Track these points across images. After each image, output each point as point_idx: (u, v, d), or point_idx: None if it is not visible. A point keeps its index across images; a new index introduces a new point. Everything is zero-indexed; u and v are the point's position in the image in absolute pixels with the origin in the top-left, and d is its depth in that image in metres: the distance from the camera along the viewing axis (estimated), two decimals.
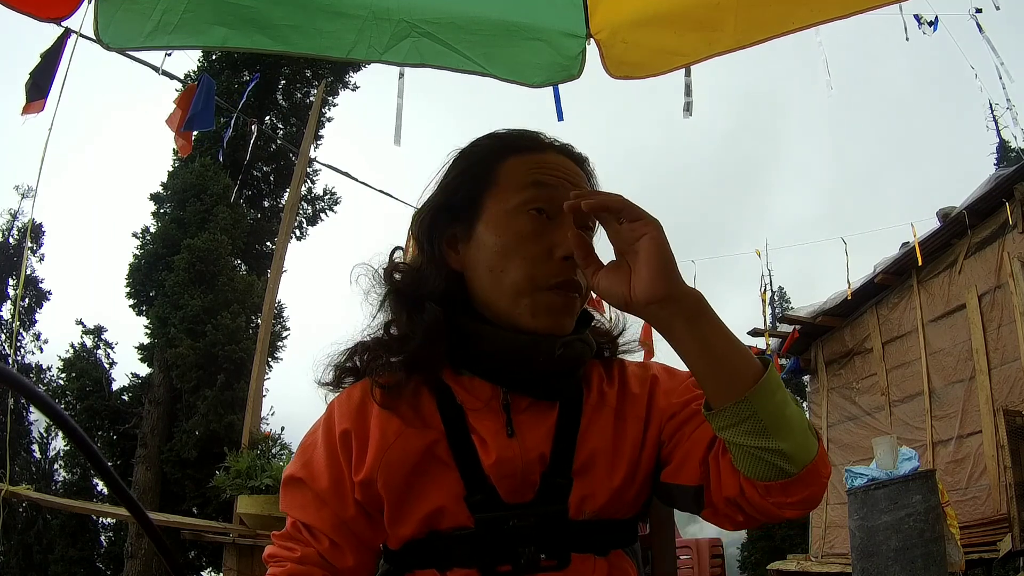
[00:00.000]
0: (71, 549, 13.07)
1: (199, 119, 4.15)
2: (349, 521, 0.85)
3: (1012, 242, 6.06)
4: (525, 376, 0.85)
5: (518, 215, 0.86)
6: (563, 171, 0.90)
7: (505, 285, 0.85)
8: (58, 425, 0.46)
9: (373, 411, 0.85)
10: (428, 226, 0.91)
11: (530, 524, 0.80)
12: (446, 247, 0.90)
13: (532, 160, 0.90)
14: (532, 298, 0.84)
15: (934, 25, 4.17)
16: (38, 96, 2.70)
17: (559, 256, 0.84)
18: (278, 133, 13.04)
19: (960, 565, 4.47)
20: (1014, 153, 10.98)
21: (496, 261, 0.85)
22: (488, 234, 0.87)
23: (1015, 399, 5.71)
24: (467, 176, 0.91)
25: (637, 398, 0.89)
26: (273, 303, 4.76)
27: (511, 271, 0.84)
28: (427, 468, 0.82)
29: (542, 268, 0.84)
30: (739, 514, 0.79)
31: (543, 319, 0.84)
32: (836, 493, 7.28)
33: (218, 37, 1.68)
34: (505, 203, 0.87)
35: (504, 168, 0.90)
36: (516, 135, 0.95)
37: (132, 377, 13.04)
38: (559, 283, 0.84)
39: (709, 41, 1.79)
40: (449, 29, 1.76)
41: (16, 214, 17.62)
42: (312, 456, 0.88)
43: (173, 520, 4.32)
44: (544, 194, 0.87)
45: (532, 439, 0.83)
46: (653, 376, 0.92)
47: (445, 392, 0.85)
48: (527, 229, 0.85)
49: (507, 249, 0.85)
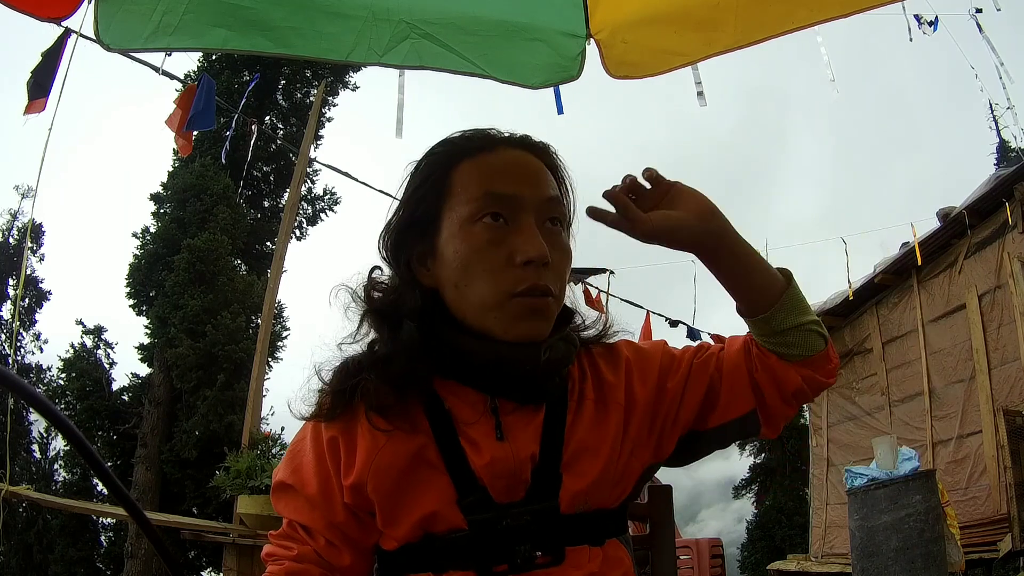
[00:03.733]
0: (71, 549, 13.07)
1: (199, 119, 4.15)
2: (340, 524, 0.85)
3: (1012, 242, 6.05)
4: (509, 382, 0.84)
5: (473, 225, 0.83)
6: (516, 167, 0.87)
7: (472, 300, 0.83)
8: (55, 425, 0.46)
9: (361, 416, 0.85)
10: (393, 246, 0.90)
11: (523, 522, 0.80)
12: (416, 264, 0.88)
13: (483, 163, 0.87)
14: (501, 310, 0.82)
15: (934, 25, 4.17)
16: (40, 95, 2.70)
17: (520, 262, 0.81)
18: (278, 133, 13.05)
19: (960, 565, 4.47)
20: (1014, 153, 10.98)
21: (459, 276, 0.83)
22: (448, 249, 0.84)
23: (1015, 399, 5.70)
24: (423, 190, 0.88)
25: (614, 385, 0.89)
26: (273, 303, 4.76)
27: (475, 285, 0.82)
28: (417, 472, 0.82)
29: (505, 277, 0.82)
30: (796, 403, 0.91)
31: (516, 329, 0.82)
32: (836, 493, 7.29)
33: (218, 39, 1.69)
34: (459, 214, 0.84)
35: (456, 176, 0.87)
36: (466, 137, 0.91)
37: (132, 377, 13.06)
38: (524, 290, 0.81)
39: (709, 41, 1.79)
40: (448, 30, 1.76)
41: (16, 214, 17.62)
42: (301, 462, 0.88)
43: (173, 520, 4.32)
44: (497, 198, 0.84)
45: (521, 439, 0.83)
46: (626, 360, 0.92)
47: (433, 398, 0.84)
48: (483, 239, 0.82)
49: (467, 263, 0.83)
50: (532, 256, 0.81)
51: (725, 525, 32.15)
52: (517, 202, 0.84)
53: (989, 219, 6.33)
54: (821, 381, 0.90)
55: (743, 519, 18.51)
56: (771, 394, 0.89)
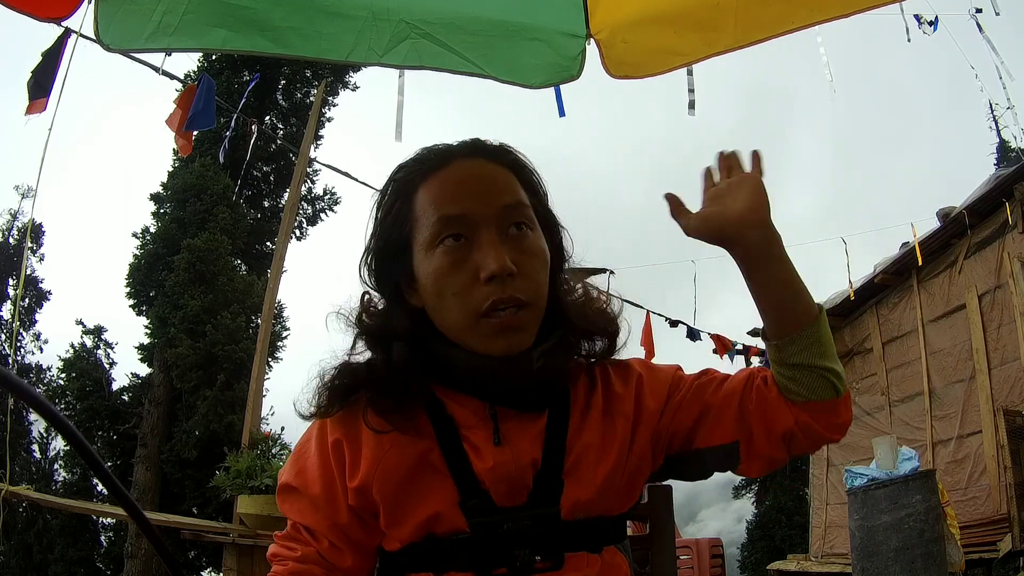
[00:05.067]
0: (71, 549, 13.07)
1: (199, 119, 4.14)
2: (343, 526, 0.86)
3: (1012, 242, 6.05)
4: (506, 392, 0.85)
5: (435, 250, 0.83)
6: (468, 183, 0.86)
7: (449, 322, 0.84)
8: (54, 425, 0.46)
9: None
10: (376, 272, 0.91)
11: (524, 527, 0.81)
12: (404, 287, 0.88)
13: (437, 181, 0.86)
14: (473, 331, 0.82)
15: (934, 25, 4.17)
16: (40, 94, 2.70)
17: (483, 278, 0.81)
18: (278, 133, 13.04)
19: (960, 565, 4.47)
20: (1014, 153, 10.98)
21: (434, 301, 0.84)
22: (421, 274, 0.85)
23: (1015, 399, 5.70)
24: (392, 216, 0.89)
25: (622, 397, 0.90)
26: (273, 303, 4.76)
27: (447, 308, 0.83)
28: (421, 475, 0.83)
29: (473, 296, 0.81)
30: (786, 449, 0.87)
31: (493, 346, 0.82)
32: (836, 493, 7.29)
33: (218, 39, 1.69)
34: (422, 240, 0.85)
35: (416, 201, 0.87)
36: (420, 159, 0.90)
37: (132, 377, 13.05)
38: (490, 307, 0.81)
39: (709, 41, 1.79)
40: (448, 30, 1.76)
41: (16, 214, 17.63)
42: (305, 464, 0.89)
43: (173, 520, 4.32)
44: (452, 220, 0.83)
45: (522, 445, 0.84)
46: (638, 376, 0.93)
47: (436, 405, 0.86)
48: (447, 262, 0.82)
49: (437, 287, 0.83)
50: (493, 270, 0.80)
51: (725, 525, 32.20)
52: (471, 219, 0.83)
53: (989, 219, 6.32)
54: (820, 432, 0.87)
55: (743, 519, 18.51)
56: (758, 429, 0.87)
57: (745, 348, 7.96)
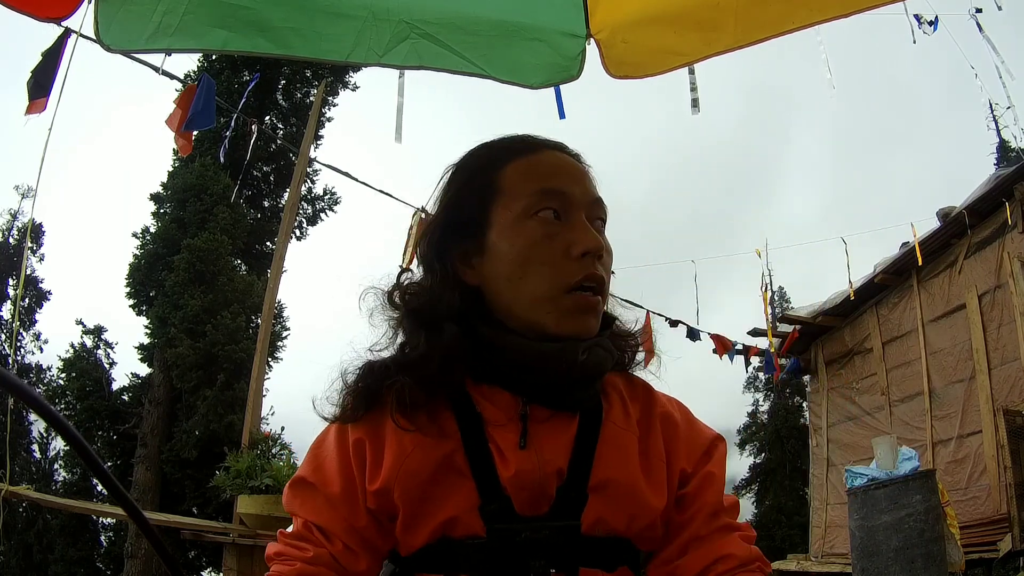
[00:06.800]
0: (71, 549, 13.09)
1: (199, 119, 4.14)
2: (361, 529, 0.83)
3: (1012, 242, 6.05)
4: (545, 386, 0.84)
5: (529, 220, 0.85)
6: (566, 167, 0.90)
7: (526, 293, 0.84)
8: (53, 425, 0.46)
9: (388, 420, 0.84)
10: (438, 246, 0.90)
11: (542, 537, 0.79)
12: (459, 264, 0.88)
13: (532, 162, 0.89)
14: (555, 303, 0.83)
15: (934, 25, 4.17)
16: (40, 95, 2.70)
17: (577, 253, 0.83)
18: (278, 133, 13.05)
19: (960, 565, 4.47)
20: (1014, 153, 10.99)
21: (514, 270, 0.84)
22: (502, 244, 0.86)
23: (1015, 399, 5.70)
24: (469, 190, 0.90)
25: (658, 438, 0.88)
26: (273, 303, 4.76)
27: (531, 278, 0.83)
28: (444, 478, 0.81)
29: (562, 269, 0.83)
30: None
31: (568, 323, 0.83)
32: (836, 493, 7.29)
33: (218, 40, 1.68)
34: (514, 210, 0.86)
35: (505, 175, 0.89)
36: (509, 140, 0.94)
37: (132, 377, 13.07)
38: (581, 280, 0.83)
39: (709, 41, 1.79)
40: (448, 30, 1.76)
41: (16, 214, 17.64)
42: (324, 461, 0.86)
43: (173, 520, 4.32)
44: (551, 194, 0.86)
45: (550, 451, 0.82)
46: (674, 421, 0.91)
47: (464, 401, 0.84)
48: (540, 233, 0.84)
49: (523, 256, 0.84)
50: (590, 247, 0.83)
51: None
52: (570, 199, 0.86)
53: (989, 219, 6.32)
54: None
55: (743, 519, 18.49)
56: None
57: (745, 348, 7.96)
